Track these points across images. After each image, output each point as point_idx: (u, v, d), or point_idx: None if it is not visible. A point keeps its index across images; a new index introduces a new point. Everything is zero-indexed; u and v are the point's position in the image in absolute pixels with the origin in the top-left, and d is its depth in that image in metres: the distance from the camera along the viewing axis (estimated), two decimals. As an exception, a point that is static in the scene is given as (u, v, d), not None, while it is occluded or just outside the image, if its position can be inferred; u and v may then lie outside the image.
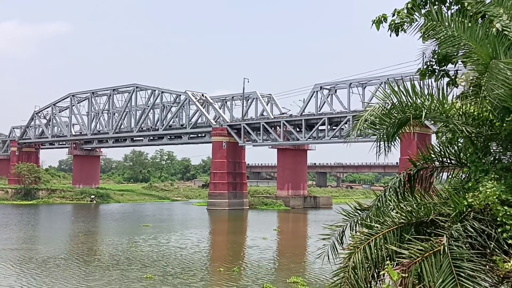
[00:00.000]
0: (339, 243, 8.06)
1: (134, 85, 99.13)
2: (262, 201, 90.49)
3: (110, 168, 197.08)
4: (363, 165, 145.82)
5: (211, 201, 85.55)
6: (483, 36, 6.72)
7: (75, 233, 47.58)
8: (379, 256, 6.84)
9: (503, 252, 6.19)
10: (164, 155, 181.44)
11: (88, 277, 27.36)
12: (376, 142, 7.83)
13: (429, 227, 6.88)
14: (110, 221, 62.90)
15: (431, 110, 7.07)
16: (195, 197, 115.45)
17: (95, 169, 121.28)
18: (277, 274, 29.20)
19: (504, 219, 6.18)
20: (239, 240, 46.43)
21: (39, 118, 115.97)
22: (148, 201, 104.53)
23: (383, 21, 9.33)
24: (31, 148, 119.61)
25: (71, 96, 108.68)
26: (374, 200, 8.18)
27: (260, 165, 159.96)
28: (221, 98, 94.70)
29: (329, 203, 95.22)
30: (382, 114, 7.55)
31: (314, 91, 79.40)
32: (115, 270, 29.19)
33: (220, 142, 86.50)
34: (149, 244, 40.61)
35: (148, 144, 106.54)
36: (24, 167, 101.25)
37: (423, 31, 7.70)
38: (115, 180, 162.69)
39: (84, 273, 28.42)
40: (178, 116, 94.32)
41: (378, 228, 7.07)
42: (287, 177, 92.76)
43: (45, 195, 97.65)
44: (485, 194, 6.33)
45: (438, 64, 9.04)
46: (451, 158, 7.84)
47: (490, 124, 6.96)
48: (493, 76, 6.27)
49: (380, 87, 64.07)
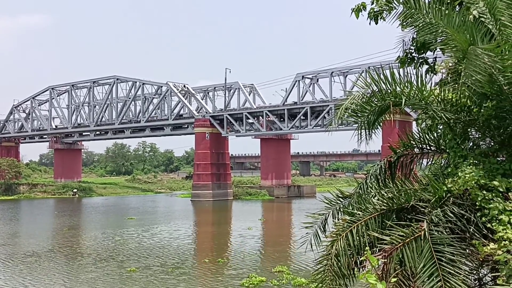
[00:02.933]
0: (322, 231, 8.12)
1: (115, 77, 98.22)
2: (246, 191, 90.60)
3: (92, 161, 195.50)
4: (346, 153, 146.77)
5: (195, 192, 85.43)
6: (460, 23, 6.77)
7: (59, 227, 47.20)
8: (361, 243, 6.90)
9: (482, 236, 6.29)
10: (147, 147, 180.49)
11: (72, 271, 27.22)
12: (357, 130, 7.88)
13: (410, 213, 6.96)
14: (94, 214, 62.48)
15: (411, 97, 7.13)
16: (179, 189, 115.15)
17: (76, 162, 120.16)
18: (263, 264, 29.34)
19: (483, 204, 6.28)
20: (224, 230, 46.49)
21: (18, 112, 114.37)
22: (132, 193, 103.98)
23: (362, 9, 9.36)
24: (11, 143, 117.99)
25: (50, 89, 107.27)
26: (356, 187, 8.24)
27: (243, 156, 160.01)
28: (203, 89, 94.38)
29: (313, 192, 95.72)
30: (363, 102, 7.60)
31: (296, 80, 79.48)
32: (99, 264, 29.06)
33: (203, 133, 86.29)
34: (133, 237, 40.47)
35: (130, 137, 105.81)
36: (4, 162, 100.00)
37: (401, 19, 7.73)
38: (97, 173, 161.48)
39: (68, 267, 28.27)
40: (160, 108, 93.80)
41: (360, 215, 7.13)
42: (270, 167, 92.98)
43: (26, 190, 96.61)
44: (464, 179, 6.41)
45: (417, 51, 9.11)
46: (431, 145, 7.93)
47: (468, 110, 7.05)
48: (471, 62, 6.32)
49: (361, 76, 64.32)
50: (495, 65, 6.19)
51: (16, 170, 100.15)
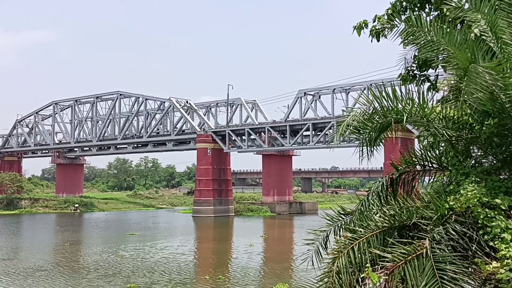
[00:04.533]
0: (323, 248, 8.07)
1: (118, 93, 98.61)
2: (248, 207, 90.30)
3: (94, 176, 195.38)
4: (348, 170, 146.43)
5: (197, 208, 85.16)
6: (461, 41, 6.80)
7: (61, 242, 47.05)
8: (363, 260, 6.85)
9: (485, 254, 6.25)
10: (149, 163, 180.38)
11: (73, 287, 27.05)
12: (359, 147, 7.88)
13: (412, 230, 6.93)
14: (95, 230, 62.28)
15: (412, 114, 7.14)
16: (180, 205, 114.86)
17: (78, 177, 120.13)
18: (263, 281, 29.13)
19: (485, 222, 6.24)
20: (225, 247, 46.25)
21: (21, 126, 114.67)
22: (133, 209, 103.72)
23: (364, 27, 9.42)
24: (14, 157, 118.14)
25: (54, 104, 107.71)
26: (358, 204, 8.21)
27: (245, 172, 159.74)
28: (206, 104, 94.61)
29: (314, 209, 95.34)
30: (364, 119, 7.59)
31: (298, 97, 79.69)
32: (100, 280, 28.89)
33: (205, 149, 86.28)
34: (134, 253, 40.27)
35: (132, 152, 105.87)
36: (6, 176, 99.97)
37: (403, 36, 7.77)
38: (99, 189, 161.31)
39: (70, 283, 28.09)
40: (162, 123, 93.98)
41: (361, 232, 7.09)
42: (272, 183, 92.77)
43: (28, 205, 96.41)
44: (466, 197, 6.38)
45: (419, 69, 9.15)
46: (433, 162, 7.92)
47: (470, 127, 7.05)
48: (472, 80, 6.34)
49: (363, 93, 64.44)
50: (497, 83, 6.20)
51: (18, 185, 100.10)
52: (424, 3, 9.13)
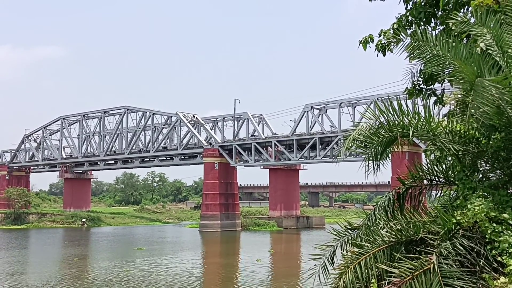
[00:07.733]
0: (330, 263, 8.03)
1: (125, 107, 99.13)
2: (255, 222, 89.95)
3: (101, 191, 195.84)
4: (356, 184, 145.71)
5: (203, 222, 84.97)
6: (467, 55, 6.82)
7: (69, 257, 47.04)
8: (370, 276, 6.81)
9: (493, 269, 6.19)
10: (156, 177, 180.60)
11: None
12: (365, 161, 7.87)
13: (419, 245, 6.88)
14: (103, 244, 62.24)
15: (418, 128, 7.13)
16: (187, 219, 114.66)
17: (86, 192, 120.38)
18: (270, 296, 28.92)
19: (492, 237, 6.20)
20: (232, 262, 46.03)
21: (29, 141, 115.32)
22: (140, 223, 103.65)
23: (370, 41, 9.46)
24: (21, 172, 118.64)
25: (61, 119, 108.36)
26: (364, 219, 8.18)
27: (252, 186, 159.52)
28: (212, 119, 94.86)
29: (322, 223, 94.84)
30: (370, 133, 7.59)
31: (305, 111, 79.73)
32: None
33: (212, 163, 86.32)
34: (142, 268, 40.15)
35: (140, 166, 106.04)
36: (14, 191, 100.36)
37: (409, 51, 7.80)
38: (106, 203, 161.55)
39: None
40: (169, 138, 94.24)
41: (368, 247, 7.06)
42: (279, 198, 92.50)
43: (36, 219, 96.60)
44: (473, 211, 6.35)
45: (425, 83, 9.16)
46: (440, 176, 7.88)
47: (476, 141, 7.03)
48: (479, 94, 6.34)
49: (369, 107, 64.44)
50: (503, 97, 6.20)
51: (26, 200, 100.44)
52: (429, 18, 9.17)
